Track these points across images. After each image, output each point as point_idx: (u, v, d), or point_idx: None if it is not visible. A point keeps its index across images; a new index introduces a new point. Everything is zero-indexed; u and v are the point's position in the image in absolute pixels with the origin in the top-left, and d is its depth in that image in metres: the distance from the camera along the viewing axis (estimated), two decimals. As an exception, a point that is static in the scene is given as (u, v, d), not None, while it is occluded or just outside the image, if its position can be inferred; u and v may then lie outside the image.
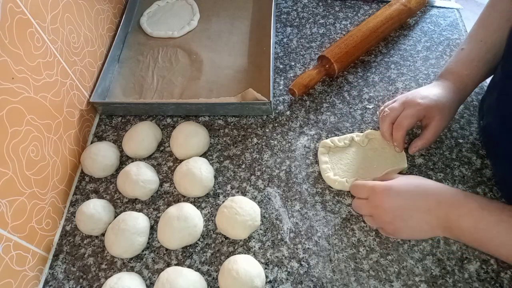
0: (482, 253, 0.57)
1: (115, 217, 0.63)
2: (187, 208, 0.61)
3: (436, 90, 0.63)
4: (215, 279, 0.58)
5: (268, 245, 0.60)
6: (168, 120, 0.76)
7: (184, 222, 0.59)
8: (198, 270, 0.59)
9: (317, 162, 0.68)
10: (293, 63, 0.82)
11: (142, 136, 0.70)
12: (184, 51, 0.86)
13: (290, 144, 0.71)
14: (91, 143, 0.74)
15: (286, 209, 0.64)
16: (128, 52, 0.87)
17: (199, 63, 0.83)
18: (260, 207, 0.63)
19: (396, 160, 0.65)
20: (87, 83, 0.75)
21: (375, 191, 0.57)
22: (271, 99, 0.71)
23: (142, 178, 0.64)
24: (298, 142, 0.71)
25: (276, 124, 0.74)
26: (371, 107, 0.74)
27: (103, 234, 0.63)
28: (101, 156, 0.68)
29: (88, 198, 0.67)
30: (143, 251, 0.61)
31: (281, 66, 0.82)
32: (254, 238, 0.61)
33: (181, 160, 0.69)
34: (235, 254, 0.59)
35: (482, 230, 0.50)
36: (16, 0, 0.55)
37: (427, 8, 0.89)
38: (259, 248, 0.60)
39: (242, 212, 0.59)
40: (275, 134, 0.72)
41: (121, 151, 0.72)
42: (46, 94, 0.62)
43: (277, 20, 0.90)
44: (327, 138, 0.70)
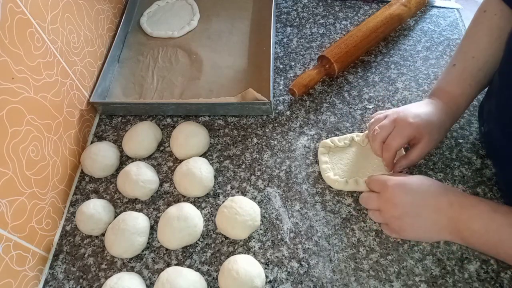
0: (482, 253, 0.57)
1: (115, 217, 0.63)
2: (187, 208, 0.61)
3: (428, 109, 0.61)
4: (215, 279, 0.58)
5: (268, 245, 0.60)
6: (168, 120, 0.76)
7: (184, 222, 0.59)
8: (198, 270, 0.59)
9: (317, 162, 0.68)
10: (293, 63, 0.82)
11: (142, 136, 0.70)
12: (184, 51, 0.86)
13: (290, 144, 0.71)
14: (91, 143, 0.74)
15: (286, 209, 0.64)
16: (128, 52, 0.87)
17: (199, 63, 0.83)
18: (260, 207, 0.63)
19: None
20: (87, 83, 0.75)
21: (388, 185, 0.56)
22: (271, 99, 0.71)
23: (142, 178, 0.64)
24: (298, 142, 0.71)
25: (276, 124, 0.74)
26: (371, 107, 0.74)
27: (103, 234, 0.63)
28: (101, 156, 0.68)
29: (88, 198, 0.67)
30: (143, 251, 0.61)
31: (281, 66, 0.82)
32: (254, 238, 0.61)
33: (181, 160, 0.69)
34: (235, 254, 0.59)
35: (493, 232, 0.50)
36: (16, 0, 0.55)
37: (427, 8, 0.89)
38: (259, 248, 0.60)
39: (242, 212, 0.59)
40: (275, 134, 0.72)
41: (121, 151, 0.72)
42: (46, 94, 0.62)
43: (277, 20, 0.90)
44: (327, 138, 0.70)
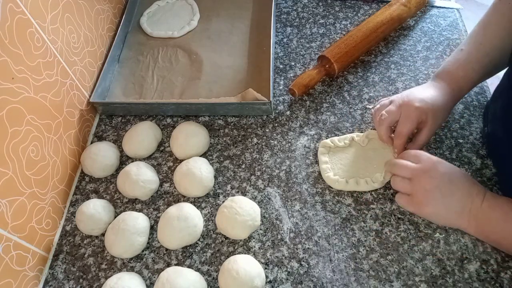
0: (482, 253, 0.57)
1: (115, 217, 0.63)
2: (187, 208, 0.61)
3: (432, 92, 0.63)
4: (215, 279, 0.58)
5: (268, 245, 0.60)
6: (168, 120, 0.76)
7: (184, 222, 0.59)
8: (198, 270, 0.59)
9: (317, 162, 0.68)
10: (293, 63, 0.82)
11: (142, 136, 0.70)
12: (184, 51, 0.86)
13: (290, 144, 0.71)
14: (91, 143, 0.74)
15: (286, 209, 0.64)
16: (128, 52, 0.87)
17: (199, 63, 0.83)
18: (260, 207, 0.63)
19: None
20: (87, 83, 0.75)
21: (432, 159, 0.58)
22: (271, 99, 0.71)
23: (142, 178, 0.64)
24: (298, 142, 0.71)
25: (276, 124, 0.74)
26: (371, 107, 0.74)
27: (103, 234, 0.63)
28: (101, 156, 0.68)
29: (88, 198, 0.67)
30: (143, 251, 0.61)
31: (281, 66, 0.82)
32: (254, 238, 0.61)
33: (181, 160, 0.69)
34: (235, 254, 0.59)
35: (510, 221, 0.52)
36: (16, 0, 0.55)
37: (427, 8, 0.89)
38: (259, 248, 0.60)
39: (242, 212, 0.59)
40: (275, 134, 0.72)
41: (121, 151, 0.72)
42: (46, 94, 0.62)
43: (277, 20, 0.90)
44: (327, 138, 0.70)
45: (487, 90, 0.74)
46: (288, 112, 0.75)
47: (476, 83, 0.65)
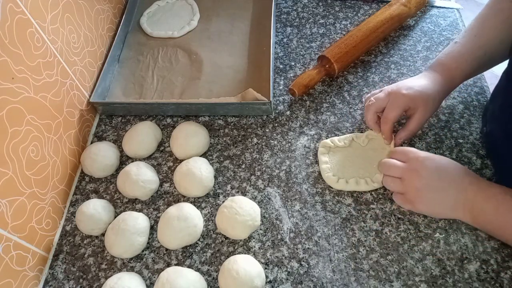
0: (482, 253, 0.57)
1: (115, 217, 0.63)
2: (187, 208, 0.61)
3: (422, 81, 0.64)
4: (215, 279, 0.58)
5: (268, 245, 0.60)
6: (168, 120, 0.76)
7: (184, 222, 0.59)
8: (198, 270, 0.59)
9: (317, 162, 0.68)
10: (293, 63, 0.82)
11: (142, 136, 0.70)
12: (184, 51, 0.86)
13: (290, 144, 0.71)
14: (91, 143, 0.74)
15: (286, 209, 0.64)
16: (128, 52, 0.87)
17: (199, 63, 0.83)
18: (260, 207, 0.63)
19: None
20: (87, 83, 0.75)
21: (419, 156, 0.58)
22: (271, 99, 0.71)
23: (142, 178, 0.64)
24: (298, 142, 0.71)
25: (276, 124, 0.74)
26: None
27: (103, 234, 0.63)
28: (101, 156, 0.68)
29: (88, 198, 0.67)
30: (143, 251, 0.61)
31: (281, 66, 0.82)
32: (254, 238, 0.61)
33: (181, 160, 0.69)
34: (235, 254, 0.59)
35: (502, 211, 0.52)
36: (16, 0, 0.55)
37: (427, 8, 0.89)
38: (259, 248, 0.60)
39: (242, 212, 0.59)
40: (275, 134, 0.72)
41: (121, 151, 0.72)
42: (46, 94, 0.62)
43: (277, 20, 0.90)
44: (327, 138, 0.70)
45: (487, 90, 0.74)
46: (288, 112, 0.75)
47: (469, 75, 0.66)
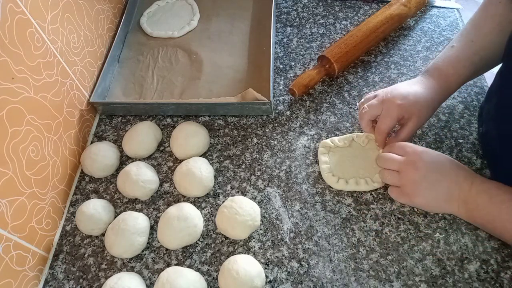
0: (482, 253, 0.57)
1: (115, 217, 0.63)
2: (187, 208, 0.61)
3: (417, 89, 0.63)
4: (215, 279, 0.58)
5: (268, 245, 0.60)
6: (168, 120, 0.76)
7: (184, 222, 0.59)
8: (198, 270, 0.59)
9: (317, 162, 0.68)
10: (293, 63, 0.82)
11: (142, 136, 0.70)
12: (184, 51, 0.86)
13: (290, 144, 0.71)
14: (91, 143, 0.74)
15: (286, 209, 0.64)
16: (128, 52, 0.87)
17: (199, 63, 0.83)
18: (260, 207, 0.63)
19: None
20: (87, 83, 0.75)
21: (416, 150, 0.59)
22: (271, 99, 0.71)
23: (142, 178, 0.64)
24: (298, 142, 0.71)
25: (276, 124, 0.74)
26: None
27: (103, 234, 0.63)
28: (101, 156, 0.68)
29: (88, 198, 0.67)
30: (143, 251, 0.61)
31: (281, 66, 0.82)
32: (254, 238, 0.61)
33: (181, 160, 0.69)
34: (235, 254, 0.59)
35: (496, 203, 0.53)
36: (16, 0, 0.55)
37: (427, 8, 0.89)
38: (259, 248, 0.60)
39: (242, 212, 0.59)
40: (275, 134, 0.72)
41: (121, 151, 0.72)
42: (46, 94, 0.62)
43: (277, 20, 0.90)
44: (327, 138, 0.70)
45: (487, 90, 0.74)
46: (288, 112, 0.75)
47: (465, 81, 0.65)
